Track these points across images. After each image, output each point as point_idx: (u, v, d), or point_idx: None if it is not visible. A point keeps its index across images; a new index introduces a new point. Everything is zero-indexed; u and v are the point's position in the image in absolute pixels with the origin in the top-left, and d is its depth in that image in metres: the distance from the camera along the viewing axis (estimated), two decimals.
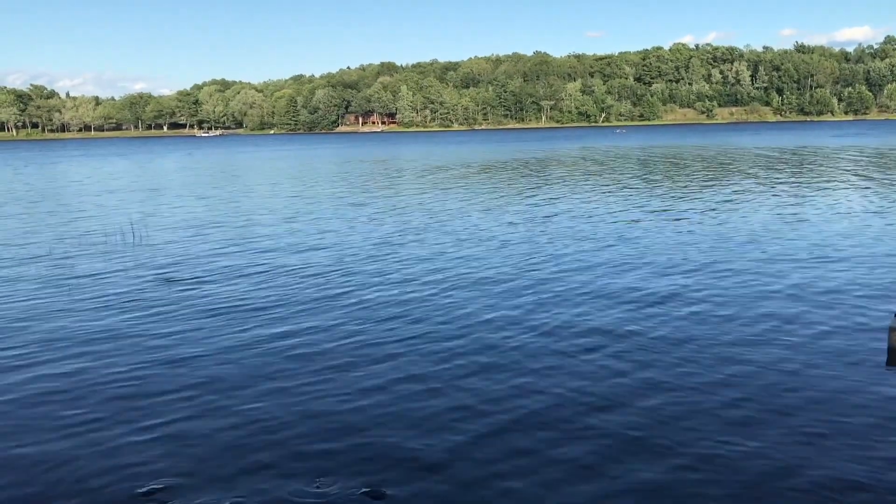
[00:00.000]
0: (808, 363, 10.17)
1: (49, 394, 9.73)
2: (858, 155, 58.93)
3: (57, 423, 8.79)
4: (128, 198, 38.15)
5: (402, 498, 6.96)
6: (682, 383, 9.53)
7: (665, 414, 8.59)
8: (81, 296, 15.19)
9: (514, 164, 58.14)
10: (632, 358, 10.52)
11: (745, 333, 11.54)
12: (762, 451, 7.64)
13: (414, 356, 10.87)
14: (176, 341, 11.88)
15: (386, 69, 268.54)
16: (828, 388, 9.28)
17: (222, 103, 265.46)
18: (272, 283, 16.04)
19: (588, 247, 19.47)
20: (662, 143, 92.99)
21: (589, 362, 10.41)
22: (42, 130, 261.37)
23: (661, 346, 11.00)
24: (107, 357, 11.15)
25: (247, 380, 10.09)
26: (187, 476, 7.44)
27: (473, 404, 9.05)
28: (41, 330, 12.69)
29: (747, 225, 22.67)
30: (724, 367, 10.06)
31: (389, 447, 7.96)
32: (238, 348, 11.45)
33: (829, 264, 16.46)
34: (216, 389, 9.78)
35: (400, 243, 20.82)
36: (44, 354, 11.35)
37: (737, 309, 12.93)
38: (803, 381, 9.50)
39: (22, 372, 10.60)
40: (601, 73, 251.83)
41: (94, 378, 10.27)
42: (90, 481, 7.39)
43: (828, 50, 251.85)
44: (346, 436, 8.26)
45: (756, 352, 10.66)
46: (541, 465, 7.50)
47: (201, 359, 10.99)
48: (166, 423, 8.74)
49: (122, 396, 9.63)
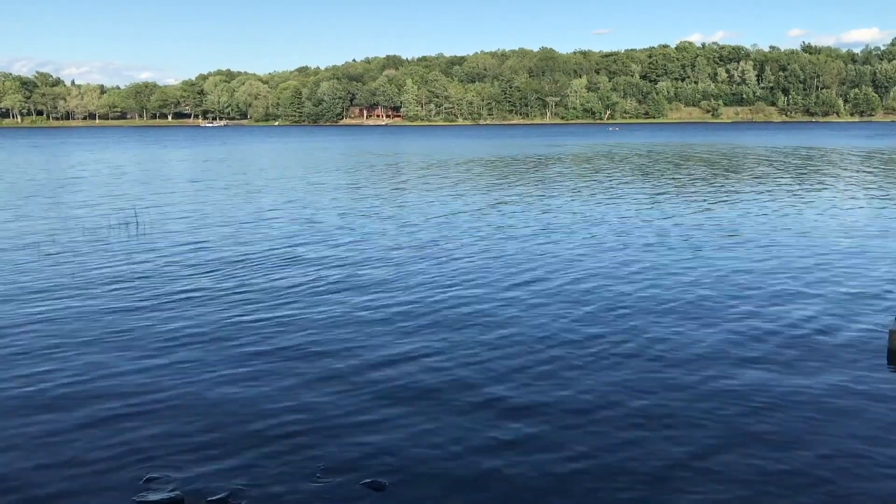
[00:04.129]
0: (810, 363, 10.31)
1: (52, 380, 9.89)
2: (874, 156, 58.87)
3: (55, 409, 8.95)
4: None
5: (402, 490, 7.10)
6: (687, 383, 9.68)
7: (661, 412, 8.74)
8: (83, 279, 15.34)
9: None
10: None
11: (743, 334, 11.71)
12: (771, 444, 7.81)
13: (421, 346, 11.03)
14: (175, 332, 12.02)
15: (391, 62, 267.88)
16: (828, 386, 9.44)
17: (227, 94, 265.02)
18: (283, 272, 16.18)
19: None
20: (668, 141, 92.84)
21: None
22: (47, 118, 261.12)
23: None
24: (110, 345, 11.31)
25: (248, 370, 10.24)
26: (188, 465, 7.59)
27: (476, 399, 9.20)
28: (43, 318, 12.85)
29: (756, 225, 22.77)
30: (723, 369, 10.21)
31: (392, 441, 8.11)
32: (238, 339, 11.59)
33: (831, 267, 16.59)
34: (217, 380, 9.92)
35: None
36: (45, 341, 11.51)
37: (742, 308, 13.09)
38: (802, 381, 9.65)
39: (22, 359, 10.75)
40: (607, 71, 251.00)
41: (97, 365, 10.43)
42: (95, 465, 7.55)
43: (835, 51, 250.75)
44: (350, 427, 8.41)
45: (757, 353, 10.83)
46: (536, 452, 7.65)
47: (203, 350, 11.13)
48: (167, 412, 8.89)
49: (124, 384, 9.78)
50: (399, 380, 9.90)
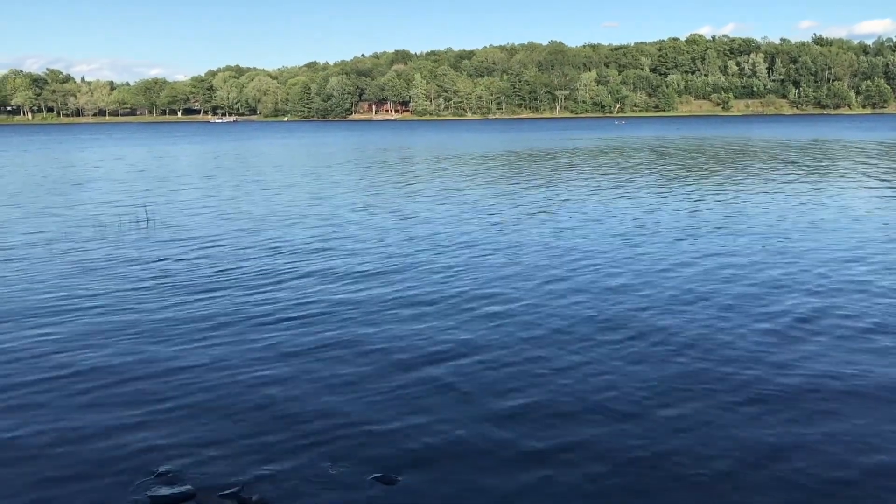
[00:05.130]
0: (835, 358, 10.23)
1: (64, 373, 9.90)
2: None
3: (70, 402, 8.96)
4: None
5: (413, 485, 7.06)
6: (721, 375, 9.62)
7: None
8: (96, 277, 15.37)
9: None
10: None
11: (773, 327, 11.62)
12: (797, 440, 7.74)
13: (433, 342, 10.99)
14: (188, 326, 12.02)
15: (400, 57, 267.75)
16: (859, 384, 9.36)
17: (236, 90, 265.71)
18: (294, 265, 16.19)
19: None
20: (664, 135, 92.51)
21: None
22: (57, 114, 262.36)
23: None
24: (120, 338, 11.32)
25: (261, 362, 10.23)
26: (201, 457, 7.57)
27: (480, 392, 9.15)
28: (52, 310, 12.89)
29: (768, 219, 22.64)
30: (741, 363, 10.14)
31: (402, 435, 8.07)
32: (253, 331, 11.58)
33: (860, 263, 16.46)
34: (230, 371, 9.91)
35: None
36: (55, 335, 11.53)
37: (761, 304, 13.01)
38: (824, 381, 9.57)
39: (35, 350, 10.77)
40: (617, 64, 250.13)
41: (107, 357, 10.43)
42: (106, 458, 7.54)
43: (846, 42, 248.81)
44: (361, 422, 8.37)
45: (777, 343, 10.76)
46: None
47: (216, 343, 11.12)
48: (180, 405, 8.88)
49: (136, 377, 9.79)
50: (420, 376, 9.83)
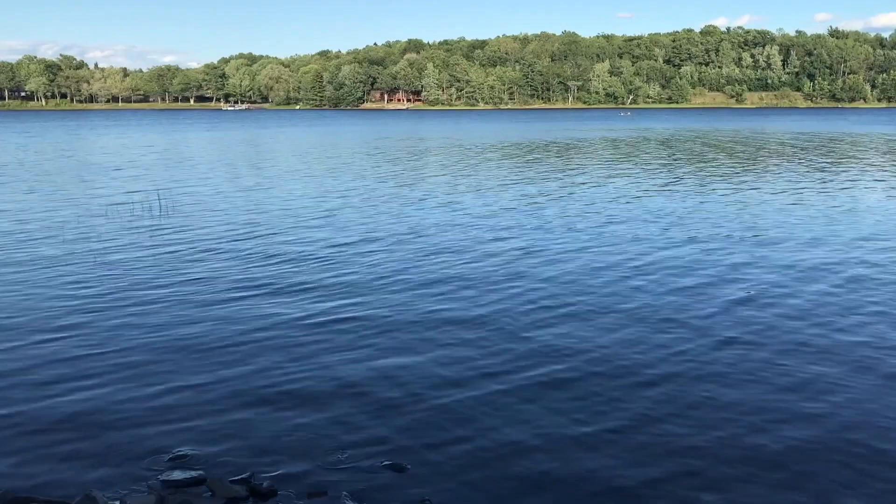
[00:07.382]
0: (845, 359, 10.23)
1: (78, 356, 10.01)
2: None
3: (83, 384, 9.07)
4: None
5: (423, 473, 7.11)
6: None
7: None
8: (105, 262, 15.49)
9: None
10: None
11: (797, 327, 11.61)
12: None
13: (450, 335, 11.03)
14: (200, 310, 12.11)
15: (412, 46, 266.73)
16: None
17: (248, 77, 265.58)
18: (306, 260, 16.25)
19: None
20: (669, 126, 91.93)
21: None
22: (70, 100, 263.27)
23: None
24: (133, 324, 11.42)
25: (274, 349, 10.29)
26: (211, 444, 7.65)
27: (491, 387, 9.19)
28: (67, 295, 13.00)
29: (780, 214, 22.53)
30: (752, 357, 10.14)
31: (417, 422, 8.13)
32: (266, 319, 11.64)
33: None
34: (244, 358, 9.99)
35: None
36: (69, 318, 11.65)
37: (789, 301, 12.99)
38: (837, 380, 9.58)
39: (48, 335, 10.89)
40: (630, 55, 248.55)
41: (121, 342, 10.53)
42: (120, 443, 7.63)
43: (863, 35, 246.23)
44: (376, 408, 8.43)
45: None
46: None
47: (226, 330, 11.19)
48: (195, 390, 8.97)
49: (150, 361, 9.89)
50: (433, 365, 9.88)
